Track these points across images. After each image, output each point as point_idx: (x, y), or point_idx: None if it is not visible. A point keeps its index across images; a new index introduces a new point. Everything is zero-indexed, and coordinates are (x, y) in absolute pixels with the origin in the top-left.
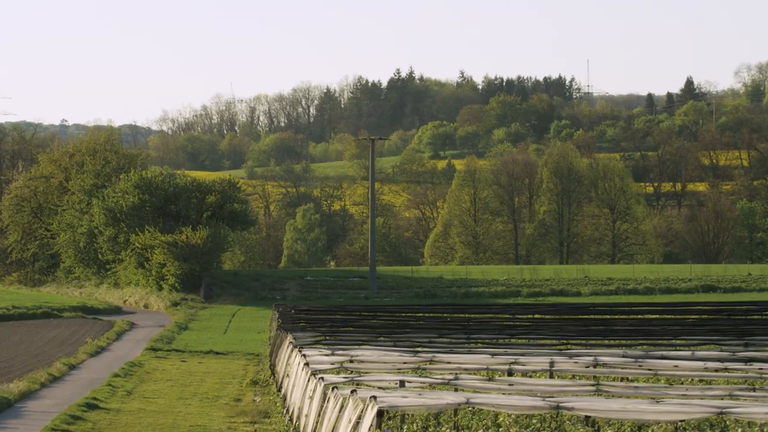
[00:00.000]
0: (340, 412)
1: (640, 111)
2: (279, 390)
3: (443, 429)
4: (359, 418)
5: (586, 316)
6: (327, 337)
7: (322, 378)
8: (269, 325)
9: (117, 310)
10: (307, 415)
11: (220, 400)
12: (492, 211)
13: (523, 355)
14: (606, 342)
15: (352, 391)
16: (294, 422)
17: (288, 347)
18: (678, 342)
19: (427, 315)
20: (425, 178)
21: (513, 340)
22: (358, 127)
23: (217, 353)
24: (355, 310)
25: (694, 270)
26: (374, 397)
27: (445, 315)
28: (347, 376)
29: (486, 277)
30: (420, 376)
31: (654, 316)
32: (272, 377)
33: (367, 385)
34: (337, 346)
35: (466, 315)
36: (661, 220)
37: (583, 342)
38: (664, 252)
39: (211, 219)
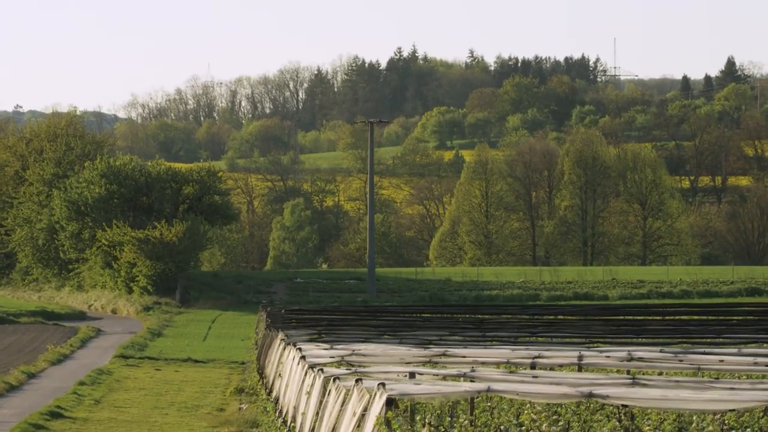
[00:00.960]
0: (342, 405)
1: (675, 95)
2: (269, 394)
3: (460, 420)
4: (365, 410)
5: (615, 317)
6: (323, 336)
7: (322, 370)
8: (255, 328)
9: (81, 316)
10: (303, 414)
11: (201, 410)
12: (506, 207)
13: (547, 350)
14: (639, 340)
15: (357, 380)
16: (288, 424)
17: (279, 345)
18: (721, 341)
19: (435, 315)
20: (430, 171)
21: (534, 339)
22: (353, 114)
23: (196, 361)
24: (354, 311)
25: (736, 272)
26: (383, 384)
27: (456, 315)
28: (350, 368)
29: (500, 279)
30: (432, 368)
31: (693, 317)
32: (261, 382)
33: (373, 377)
34: (335, 342)
35: (479, 316)
36: (699, 218)
37: (614, 341)
38: (701, 254)
39: (188, 213)
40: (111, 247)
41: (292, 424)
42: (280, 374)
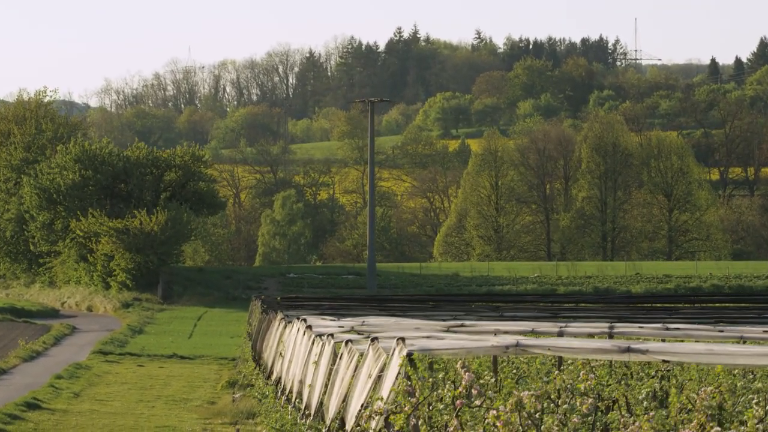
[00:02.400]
0: (356, 370)
1: (702, 79)
2: (268, 378)
3: (484, 377)
4: (381, 371)
5: (643, 305)
6: (327, 315)
7: (332, 335)
8: (248, 319)
9: (53, 314)
10: (311, 386)
11: (191, 403)
12: (518, 199)
13: (574, 323)
14: (672, 319)
15: (372, 339)
16: (293, 402)
17: (280, 324)
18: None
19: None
20: (434, 161)
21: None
22: (348, 101)
23: (183, 357)
24: (357, 299)
25: None
26: (402, 339)
27: (470, 304)
28: (361, 335)
29: (512, 273)
30: (452, 334)
31: (727, 305)
32: (257, 369)
33: (389, 341)
34: (343, 316)
35: (495, 304)
36: (729, 211)
37: (645, 319)
38: (732, 250)
39: (171, 201)
40: (86, 239)
41: (298, 401)
42: (281, 354)
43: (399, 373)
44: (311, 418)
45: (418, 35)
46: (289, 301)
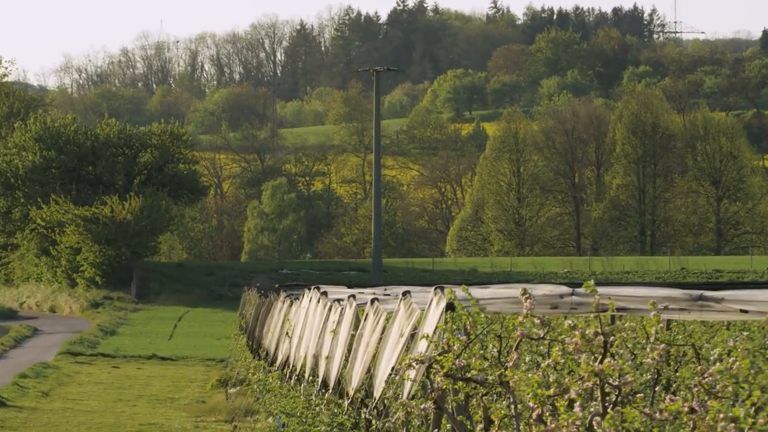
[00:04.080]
0: (383, 332)
1: (754, 53)
2: (271, 364)
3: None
4: (415, 329)
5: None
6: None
7: (353, 296)
8: (240, 312)
9: (10, 315)
10: (328, 358)
11: (178, 402)
12: (543, 187)
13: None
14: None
15: (404, 293)
16: (307, 379)
17: (285, 303)
18: None
19: None
20: (444, 146)
21: None
22: (345, 79)
23: (164, 358)
24: (371, 285)
25: None
26: (441, 288)
27: None
28: (388, 296)
29: (539, 269)
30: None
31: None
32: (256, 359)
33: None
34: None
35: None
36: None
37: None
38: None
39: (146, 185)
40: (49, 229)
41: (311, 379)
42: (287, 333)
43: (438, 325)
44: (329, 392)
45: (425, 4)
46: (290, 289)
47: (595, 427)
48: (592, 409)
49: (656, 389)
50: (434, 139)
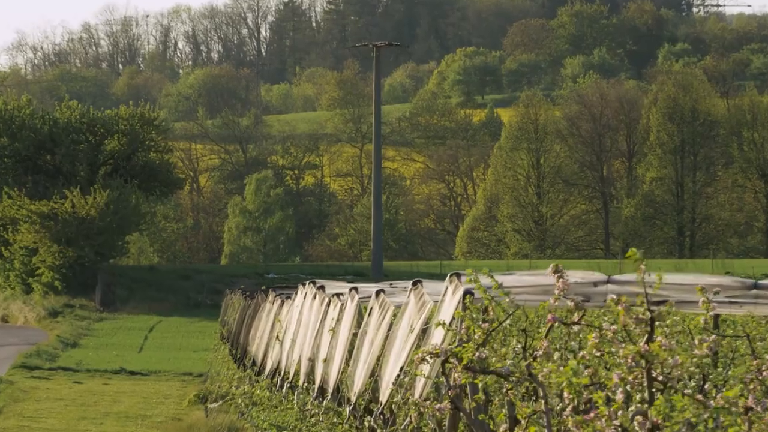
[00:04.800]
0: (390, 329)
1: None
2: (258, 375)
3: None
4: (426, 323)
5: None
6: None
7: (356, 289)
8: (221, 318)
9: None
10: (326, 360)
11: (151, 420)
12: (566, 181)
13: None
14: None
15: (414, 282)
16: (301, 385)
17: (275, 303)
18: None
19: None
20: (453, 135)
21: None
22: (339, 58)
23: (133, 373)
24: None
25: None
26: (457, 275)
27: None
28: (394, 288)
29: None
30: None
31: None
32: (241, 367)
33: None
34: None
35: None
36: None
37: None
38: None
39: (113, 177)
40: (0, 227)
41: (306, 385)
42: (278, 337)
43: (454, 316)
44: (328, 398)
45: None
46: (280, 289)
47: (637, 428)
48: (632, 408)
49: (705, 387)
50: (441, 127)
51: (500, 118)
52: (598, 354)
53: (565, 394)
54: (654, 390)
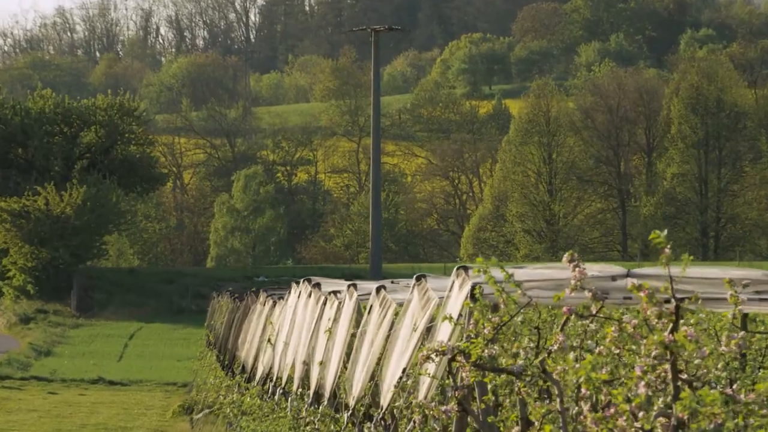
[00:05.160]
0: (392, 327)
1: None
2: (249, 381)
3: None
4: (432, 320)
5: None
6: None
7: (354, 285)
8: (207, 322)
9: None
10: (322, 363)
11: None
12: (580, 177)
13: None
14: None
15: (418, 277)
16: (295, 391)
17: (266, 304)
18: None
19: None
20: (458, 128)
21: None
22: (334, 46)
23: (112, 383)
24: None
25: None
26: (464, 268)
27: None
28: (396, 285)
29: None
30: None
31: None
32: (229, 375)
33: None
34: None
35: None
36: None
37: None
38: None
39: (90, 172)
40: None
41: (301, 391)
42: (269, 340)
43: (462, 312)
44: (324, 404)
45: None
46: (271, 290)
47: (660, 430)
48: (655, 408)
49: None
50: (445, 120)
51: (509, 110)
52: (617, 351)
53: (583, 391)
54: (679, 384)
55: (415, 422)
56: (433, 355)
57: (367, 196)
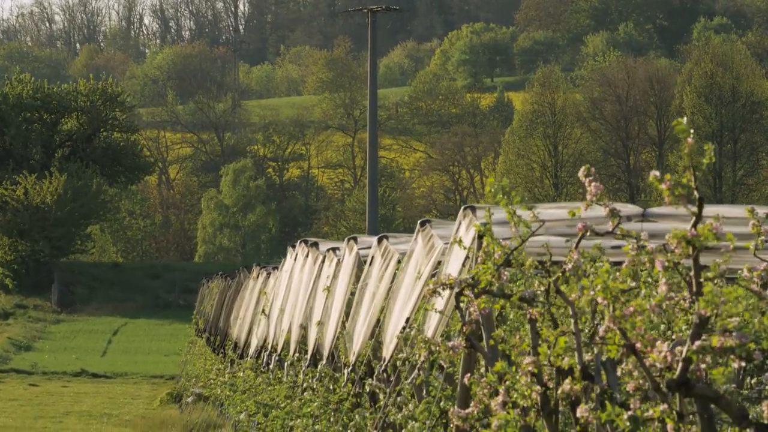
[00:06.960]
0: (394, 278)
1: None
2: (242, 357)
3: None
4: (436, 268)
5: None
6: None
7: (354, 239)
8: (197, 309)
9: None
10: (321, 323)
11: (117, 418)
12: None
13: None
14: None
15: (422, 223)
16: (291, 358)
17: (260, 277)
18: None
19: None
20: (459, 121)
21: None
22: (328, 37)
23: (97, 376)
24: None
25: None
26: (471, 209)
27: None
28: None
29: None
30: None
31: None
32: (220, 355)
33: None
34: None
35: None
36: None
37: None
38: None
39: (71, 160)
40: None
41: (299, 356)
42: (264, 311)
43: (468, 255)
44: (323, 363)
45: None
46: (265, 264)
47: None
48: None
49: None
50: (445, 113)
51: (512, 103)
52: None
53: (599, 299)
54: (702, 280)
55: (418, 369)
56: (440, 289)
57: (363, 191)
